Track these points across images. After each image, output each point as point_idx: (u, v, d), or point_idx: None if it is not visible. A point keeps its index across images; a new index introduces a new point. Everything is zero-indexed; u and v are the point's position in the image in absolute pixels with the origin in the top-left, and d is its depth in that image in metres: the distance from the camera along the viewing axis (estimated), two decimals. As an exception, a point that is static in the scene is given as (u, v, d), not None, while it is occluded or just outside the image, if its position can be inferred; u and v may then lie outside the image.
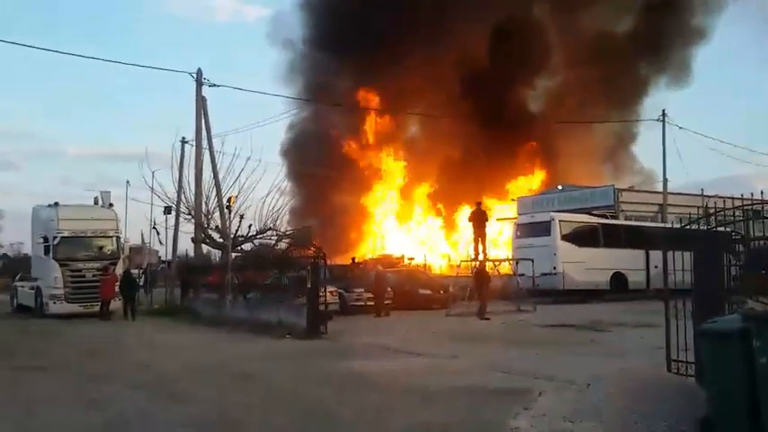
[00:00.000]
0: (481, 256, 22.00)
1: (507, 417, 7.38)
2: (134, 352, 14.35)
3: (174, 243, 30.80)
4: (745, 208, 11.77)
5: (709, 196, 40.26)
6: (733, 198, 40.61)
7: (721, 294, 8.33)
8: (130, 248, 37.33)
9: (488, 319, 19.22)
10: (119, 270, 23.32)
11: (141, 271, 33.72)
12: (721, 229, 9.90)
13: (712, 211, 9.48)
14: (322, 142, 43.86)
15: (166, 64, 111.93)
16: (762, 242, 10.72)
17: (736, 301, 7.90)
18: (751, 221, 10.10)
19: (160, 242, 33.35)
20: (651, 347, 12.31)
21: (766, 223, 10.68)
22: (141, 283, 28.84)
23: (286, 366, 11.67)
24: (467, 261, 24.33)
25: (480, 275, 20.84)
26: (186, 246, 30.94)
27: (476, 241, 22.38)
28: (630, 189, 39.70)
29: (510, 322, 18.45)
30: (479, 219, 22.57)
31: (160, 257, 45.93)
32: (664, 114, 36.29)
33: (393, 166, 46.05)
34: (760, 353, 6.28)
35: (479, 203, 24.86)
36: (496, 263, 23.52)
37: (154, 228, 34.76)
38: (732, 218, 10.04)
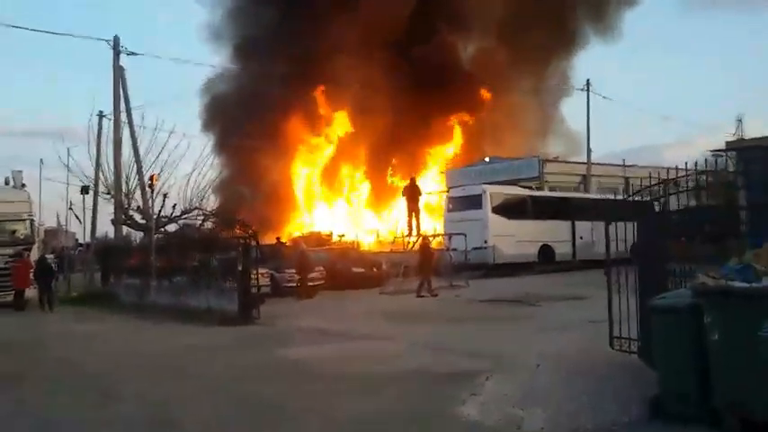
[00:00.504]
0: (416, 232, 21.81)
1: (456, 404, 7.13)
2: (53, 346, 13.41)
3: (92, 225, 29.38)
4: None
5: (629, 166, 41.64)
6: (651, 168, 42.47)
7: (665, 268, 8.26)
8: (45, 231, 35.47)
9: (436, 295, 18.97)
10: (33, 256, 21.92)
11: (56, 255, 32.08)
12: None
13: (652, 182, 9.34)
14: (249, 109, 42.46)
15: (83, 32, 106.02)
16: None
17: (682, 275, 7.85)
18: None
19: (80, 221, 31.64)
20: (586, 321, 12.40)
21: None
22: (57, 269, 27.36)
23: (220, 356, 11.11)
24: (400, 237, 24.10)
25: (425, 251, 20.57)
26: (106, 227, 29.53)
27: (410, 216, 22.14)
28: (555, 160, 40.38)
29: (444, 299, 18.38)
30: (413, 193, 22.35)
31: (77, 240, 43.92)
32: (588, 84, 37.00)
33: (322, 142, 45.27)
34: (711, 328, 6.21)
35: (413, 178, 24.66)
36: (431, 237, 23.35)
37: (70, 209, 33.12)
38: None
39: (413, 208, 22.12)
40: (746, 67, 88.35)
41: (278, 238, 27.88)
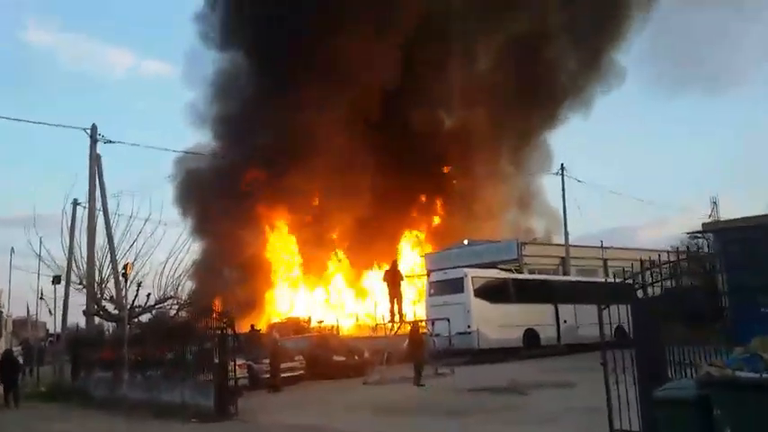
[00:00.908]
0: (398, 317, 21.35)
1: None
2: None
3: (63, 315, 28.39)
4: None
5: (606, 248, 41.90)
6: (628, 250, 42.74)
7: (663, 354, 7.96)
8: (14, 322, 34.31)
9: (423, 385, 18.35)
10: (1, 348, 20.97)
11: (23, 347, 30.91)
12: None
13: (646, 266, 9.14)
14: (226, 190, 42.39)
15: (60, 121, 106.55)
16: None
17: (685, 364, 7.56)
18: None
19: (50, 312, 30.64)
20: (579, 410, 11.98)
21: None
22: (23, 362, 26.27)
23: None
24: (382, 323, 23.56)
25: (415, 338, 19.99)
26: (78, 318, 28.56)
27: (391, 302, 21.72)
28: (533, 242, 40.53)
29: (431, 388, 17.75)
30: (394, 278, 21.99)
31: (48, 330, 42.60)
32: (563, 168, 37.47)
33: (299, 224, 45.15)
34: (722, 422, 5.88)
35: (394, 262, 24.36)
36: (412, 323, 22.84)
37: (41, 299, 32.14)
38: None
39: (395, 293, 21.72)
40: (713, 148, 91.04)
41: (252, 326, 27.16)
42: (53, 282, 26.92)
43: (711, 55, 76.84)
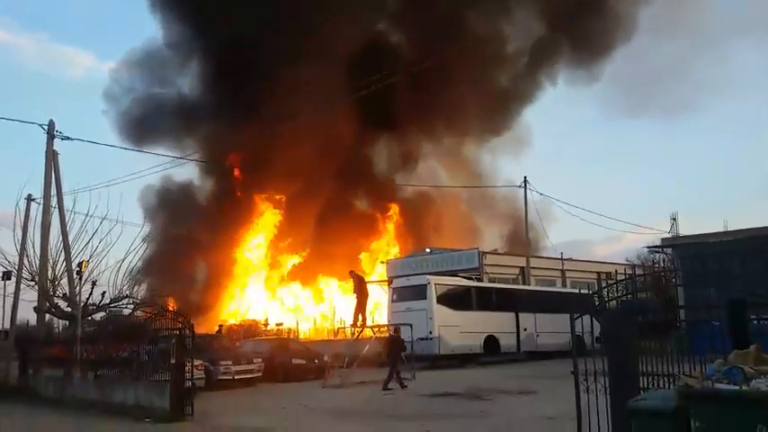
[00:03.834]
0: (361, 322, 21.16)
1: None
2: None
3: (12, 312, 27.35)
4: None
5: (566, 260, 42.41)
6: (586, 262, 43.25)
7: (635, 365, 7.89)
8: (-42, 318, 33.07)
9: (391, 390, 18.02)
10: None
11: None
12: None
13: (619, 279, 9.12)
14: (188, 198, 41.86)
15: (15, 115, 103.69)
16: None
17: (658, 375, 7.49)
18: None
19: (-1, 307, 29.63)
20: (543, 417, 11.95)
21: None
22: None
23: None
24: (344, 327, 23.32)
25: (394, 343, 19.70)
26: (27, 315, 27.59)
27: (357, 308, 21.57)
28: (494, 252, 40.81)
29: (392, 393, 17.52)
30: (362, 287, 21.93)
31: (-4, 327, 41.33)
32: (525, 181, 37.75)
33: (262, 226, 44.75)
34: (700, 434, 5.80)
35: (352, 272, 24.28)
36: (375, 329, 22.65)
37: (-12, 294, 31.05)
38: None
39: (362, 302, 21.63)
40: (671, 170, 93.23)
41: (220, 327, 26.68)
42: (2, 277, 25.99)
43: (670, 83, 78.69)
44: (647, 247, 34.07)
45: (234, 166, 42.14)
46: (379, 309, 33.80)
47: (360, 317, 21.34)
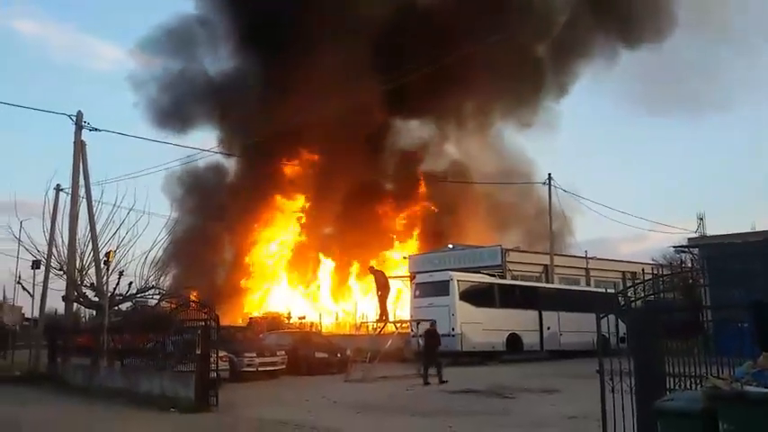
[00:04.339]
0: (383, 317, 21.30)
1: None
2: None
3: (41, 300, 27.84)
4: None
5: (590, 258, 42.06)
6: (610, 261, 42.85)
7: (662, 365, 7.84)
8: (-12, 305, 33.75)
9: (429, 383, 18.18)
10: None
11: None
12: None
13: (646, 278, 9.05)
14: (212, 191, 42.17)
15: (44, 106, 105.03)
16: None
17: (684, 376, 7.45)
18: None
19: (30, 294, 30.07)
20: (564, 417, 11.92)
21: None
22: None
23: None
24: (367, 322, 23.44)
25: (432, 337, 19.79)
26: (56, 303, 28.00)
27: (382, 303, 21.76)
28: (516, 249, 40.55)
29: (414, 389, 17.58)
30: (383, 281, 22.05)
31: (24, 315, 42.07)
32: (550, 177, 37.46)
33: (286, 220, 45.06)
34: (728, 437, 5.77)
35: (371, 268, 24.44)
36: (398, 323, 22.75)
37: (18, 283, 31.58)
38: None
39: (384, 296, 21.76)
40: (698, 169, 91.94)
41: (251, 319, 26.93)
42: (32, 266, 26.43)
43: (698, 80, 77.59)
44: (674, 247, 33.67)
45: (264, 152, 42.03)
46: (401, 303, 33.96)
47: (384, 312, 21.47)
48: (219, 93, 43.16)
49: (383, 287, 21.94)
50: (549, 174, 37.71)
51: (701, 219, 44.46)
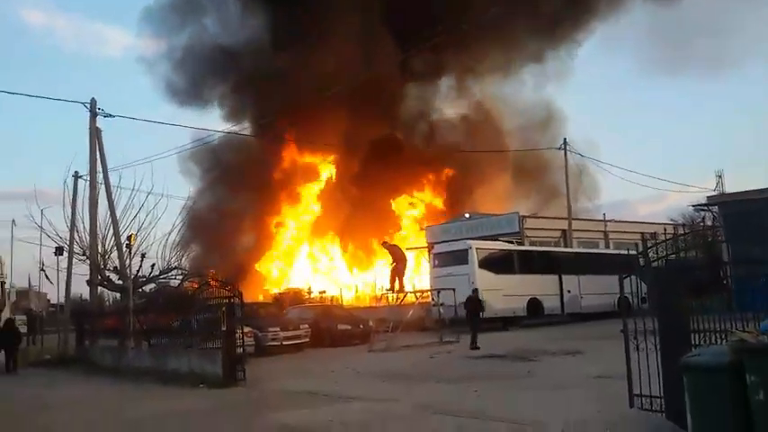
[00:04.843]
0: (398, 287, 21.52)
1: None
2: (24, 414, 12.48)
3: (66, 286, 28.26)
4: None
5: (609, 221, 41.83)
6: (628, 223, 42.57)
7: (687, 323, 7.86)
8: (17, 293, 34.34)
9: (479, 347, 18.44)
10: (4, 317, 20.97)
11: (27, 317, 30.95)
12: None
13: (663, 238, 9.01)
14: (230, 170, 42.20)
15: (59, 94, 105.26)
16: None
17: (708, 331, 7.46)
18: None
19: (51, 282, 30.63)
20: (590, 377, 12.00)
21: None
22: (26, 331, 26.32)
23: (209, 423, 10.37)
24: (386, 293, 23.60)
25: (474, 304, 20.15)
26: (81, 288, 28.44)
27: (394, 274, 21.86)
28: (534, 216, 40.37)
29: (437, 355, 17.75)
30: (398, 255, 22.21)
31: (49, 301, 42.71)
32: (565, 142, 37.21)
33: (304, 197, 45.22)
34: (755, 389, 5.79)
35: (385, 243, 24.57)
36: (418, 293, 22.89)
37: (42, 270, 32.10)
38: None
39: (400, 269, 21.93)
40: (714, 127, 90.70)
41: (276, 295, 27.07)
42: (56, 253, 26.80)
43: (710, 38, 76.16)
44: (693, 206, 33.44)
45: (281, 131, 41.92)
46: (419, 275, 34.10)
47: (397, 282, 21.63)
48: (232, 62, 42.90)
49: (399, 260, 22.10)
50: (565, 139, 37.53)
51: (720, 176, 44.06)
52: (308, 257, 44.85)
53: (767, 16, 77.49)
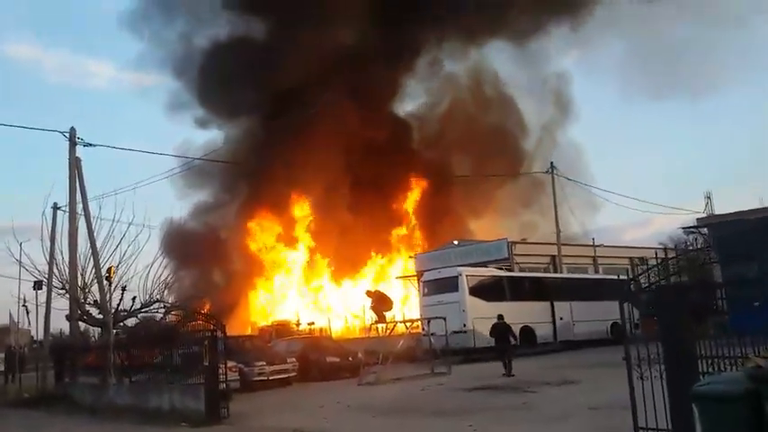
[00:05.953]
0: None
1: None
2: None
3: (45, 321, 27.51)
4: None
5: (597, 246, 41.65)
6: (617, 248, 42.39)
7: (693, 349, 7.45)
8: (-2, 330, 33.53)
9: (513, 375, 17.92)
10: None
11: (6, 355, 30.07)
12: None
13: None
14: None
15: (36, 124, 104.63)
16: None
17: (715, 357, 7.06)
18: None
19: (27, 314, 29.87)
20: (587, 407, 11.52)
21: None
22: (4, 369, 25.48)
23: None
24: (375, 324, 23.03)
25: (502, 329, 19.55)
26: (61, 323, 27.64)
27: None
28: (523, 241, 40.16)
29: (429, 387, 17.18)
30: (383, 304, 21.87)
31: (32, 337, 41.87)
32: (552, 167, 37.07)
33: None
34: (775, 418, 5.38)
35: (368, 291, 24.14)
36: (408, 323, 22.35)
37: (23, 305, 31.32)
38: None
39: (387, 309, 21.63)
40: (699, 150, 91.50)
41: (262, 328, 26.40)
42: (34, 287, 26.12)
43: (694, 61, 77.05)
44: (683, 228, 33.21)
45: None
46: (408, 303, 33.65)
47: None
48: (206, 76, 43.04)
49: (386, 305, 21.79)
50: (552, 162, 37.43)
51: (709, 198, 43.98)
52: (299, 288, 44.43)
53: (746, 40, 78.13)
